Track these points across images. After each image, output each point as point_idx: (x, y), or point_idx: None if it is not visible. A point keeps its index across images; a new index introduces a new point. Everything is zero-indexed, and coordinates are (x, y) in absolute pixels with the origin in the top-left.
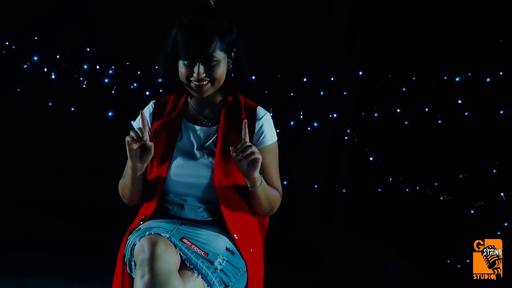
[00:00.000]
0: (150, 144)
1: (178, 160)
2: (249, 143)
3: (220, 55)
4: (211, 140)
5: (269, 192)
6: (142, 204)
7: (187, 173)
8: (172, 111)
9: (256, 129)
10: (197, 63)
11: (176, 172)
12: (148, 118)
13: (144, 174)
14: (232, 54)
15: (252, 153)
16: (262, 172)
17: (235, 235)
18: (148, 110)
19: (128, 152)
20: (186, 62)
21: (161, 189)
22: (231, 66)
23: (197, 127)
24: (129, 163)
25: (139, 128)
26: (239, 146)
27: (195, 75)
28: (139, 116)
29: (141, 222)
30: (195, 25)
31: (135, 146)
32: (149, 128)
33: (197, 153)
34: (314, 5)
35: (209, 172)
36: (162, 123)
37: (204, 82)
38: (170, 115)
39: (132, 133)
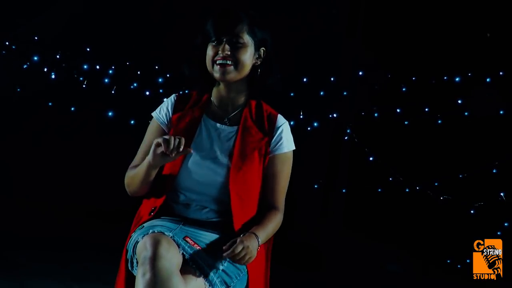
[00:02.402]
0: (189, 150)
1: (194, 155)
2: (231, 251)
3: (247, 40)
4: (230, 140)
5: (270, 232)
6: (150, 195)
7: (203, 169)
8: (194, 106)
9: (275, 136)
10: (224, 42)
11: (192, 168)
12: (169, 109)
13: (160, 168)
14: (261, 51)
15: (245, 256)
16: (269, 180)
17: (242, 235)
18: (169, 102)
19: (152, 152)
20: (214, 42)
21: (174, 182)
22: (258, 63)
23: (218, 125)
24: (148, 157)
25: (179, 141)
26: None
27: (220, 52)
28: (162, 107)
29: (152, 214)
30: (225, 10)
31: (159, 150)
32: (172, 124)
33: (215, 151)
34: (314, 6)
35: (225, 170)
36: (182, 115)
37: (228, 62)
38: (192, 109)
39: (160, 140)
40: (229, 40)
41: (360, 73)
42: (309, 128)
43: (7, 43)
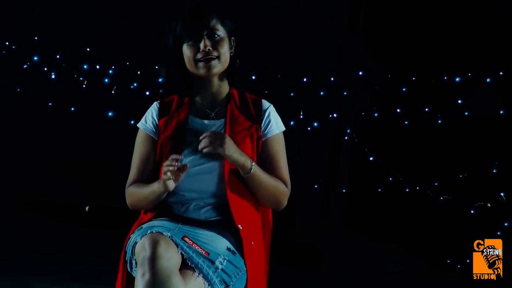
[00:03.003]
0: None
1: (189, 156)
2: (205, 136)
3: (222, 31)
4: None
5: (267, 180)
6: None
7: (198, 168)
8: (178, 108)
9: (263, 120)
10: (202, 38)
11: (188, 168)
12: (155, 117)
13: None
14: (232, 41)
15: (205, 147)
16: (268, 162)
17: (239, 226)
18: (153, 109)
19: (167, 184)
20: (190, 42)
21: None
22: (233, 53)
23: (205, 121)
24: (159, 187)
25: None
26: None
27: (201, 49)
28: (146, 117)
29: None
30: (192, 7)
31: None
32: (157, 127)
33: None
34: (314, 6)
35: (218, 164)
36: (168, 119)
37: (212, 57)
38: (177, 112)
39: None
40: (207, 35)
41: (360, 73)
42: (309, 128)
43: (7, 43)
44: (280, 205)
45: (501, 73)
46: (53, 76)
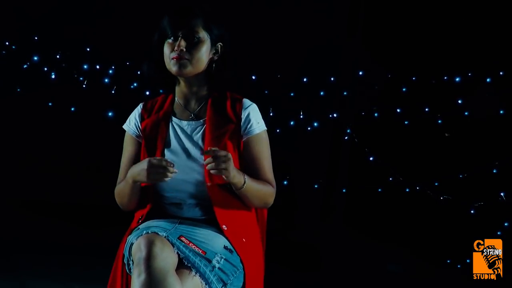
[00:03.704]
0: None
1: (168, 156)
2: (214, 153)
3: (203, 35)
4: (199, 134)
5: (258, 189)
6: (139, 206)
7: (180, 169)
8: (160, 109)
9: (243, 119)
10: (179, 37)
11: None
12: (137, 119)
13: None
14: (219, 47)
15: (220, 167)
16: (252, 163)
17: (224, 226)
18: (136, 111)
19: (147, 173)
20: (170, 40)
21: (157, 188)
22: (216, 58)
23: (184, 122)
24: (134, 177)
25: (165, 162)
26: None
27: (175, 48)
28: (130, 119)
29: (139, 222)
30: (181, 6)
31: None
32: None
33: (187, 148)
34: (314, 6)
35: (197, 165)
36: (150, 121)
37: (184, 57)
38: (158, 114)
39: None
40: (185, 35)
41: (360, 73)
42: (309, 128)
43: (7, 43)
44: (267, 205)
45: (501, 73)
46: (53, 76)
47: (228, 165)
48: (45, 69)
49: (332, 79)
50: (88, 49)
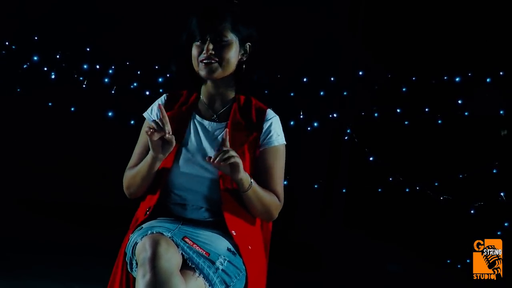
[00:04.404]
0: (171, 136)
1: (185, 153)
2: (227, 148)
3: (231, 37)
4: (219, 136)
5: (263, 196)
6: (145, 196)
7: (194, 166)
8: (184, 104)
9: (264, 130)
10: (207, 41)
11: (183, 165)
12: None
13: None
14: (247, 47)
15: (231, 157)
16: (264, 173)
17: (233, 232)
18: (160, 101)
19: (149, 143)
20: (198, 42)
21: (165, 180)
22: (244, 59)
23: (206, 122)
24: (150, 153)
25: (160, 119)
26: (217, 153)
27: (204, 52)
28: (152, 107)
29: (147, 213)
30: (209, 6)
31: (155, 136)
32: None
33: (204, 148)
34: (314, 6)
35: (213, 168)
36: (172, 114)
37: (213, 61)
38: (181, 108)
39: (152, 123)
40: (213, 39)
41: (360, 73)
42: (309, 128)
43: (7, 43)
44: (271, 218)
45: (501, 73)
46: (53, 76)
47: (238, 160)
48: (45, 69)
49: (332, 79)
50: (88, 49)
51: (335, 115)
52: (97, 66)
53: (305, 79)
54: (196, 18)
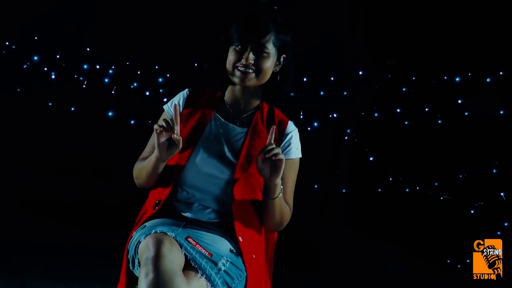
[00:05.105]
0: (179, 138)
1: (202, 152)
2: (274, 145)
3: (272, 49)
4: (238, 140)
5: (283, 206)
6: (156, 187)
7: (209, 166)
8: (206, 103)
9: (284, 142)
10: (248, 49)
11: (198, 163)
12: (181, 103)
13: (167, 162)
14: (282, 58)
15: (277, 153)
16: None
17: (240, 238)
18: (182, 95)
19: (155, 141)
20: (237, 47)
21: (179, 176)
22: (277, 70)
23: (228, 124)
24: (155, 151)
25: (171, 119)
26: (264, 147)
27: (243, 60)
28: (173, 101)
29: (156, 208)
30: (254, 14)
31: (163, 137)
32: (180, 115)
33: (222, 149)
34: (314, 6)
35: (230, 170)
36: (193, 111)
37: (250, 70)
38: (203, 106)
39: (162, 122)
40: (254, 49)
41: (360, 73)
42: (309, 128)
43: (7, 43)
44: (280, 228)
45: (501, 73)
46: (53, 76)
47: (283, 157)
48: (45, 69)
49: (332, 79)
50: (88, 49)
51: (335, 115)
52: (97, 66)
53: (305, 79)
54: (237, 23)
